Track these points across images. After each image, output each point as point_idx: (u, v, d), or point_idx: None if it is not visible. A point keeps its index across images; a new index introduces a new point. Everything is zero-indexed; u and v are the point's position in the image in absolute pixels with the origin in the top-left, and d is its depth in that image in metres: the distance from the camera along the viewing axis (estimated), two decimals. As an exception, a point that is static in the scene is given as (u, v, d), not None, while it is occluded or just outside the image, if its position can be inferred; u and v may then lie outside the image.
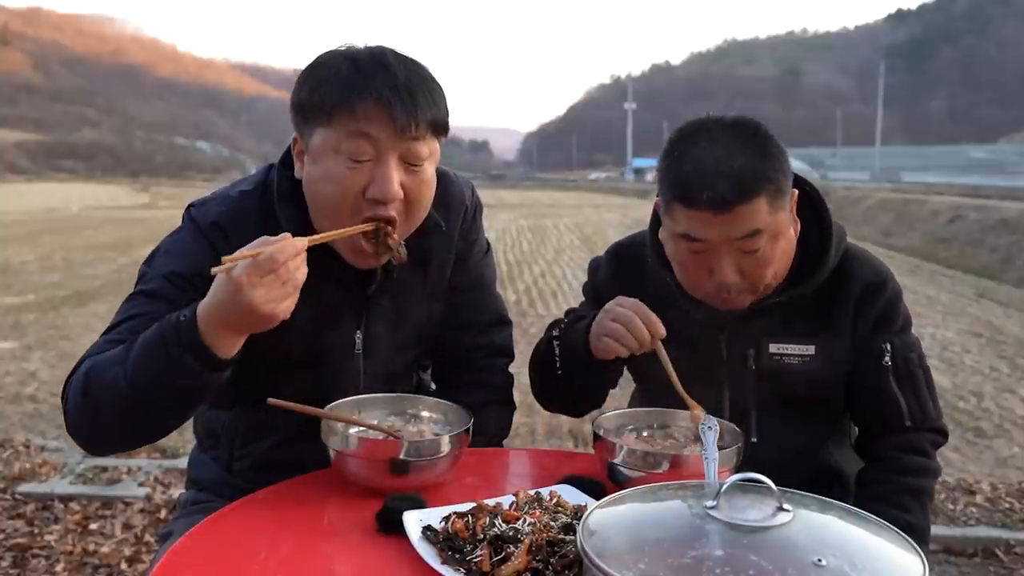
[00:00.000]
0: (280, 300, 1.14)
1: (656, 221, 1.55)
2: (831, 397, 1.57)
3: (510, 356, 1.74)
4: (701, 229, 1.37)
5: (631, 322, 1.40)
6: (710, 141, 1.38)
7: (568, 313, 1.71)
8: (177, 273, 1.36)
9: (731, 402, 1.57)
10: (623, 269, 1.67)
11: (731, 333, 1.55)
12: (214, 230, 1.40)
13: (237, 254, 1.14)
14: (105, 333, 1.33)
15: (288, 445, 1.50)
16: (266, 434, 1.53)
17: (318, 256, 1.34)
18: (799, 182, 1.50)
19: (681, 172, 1.38)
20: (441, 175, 1.49)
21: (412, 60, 1.36)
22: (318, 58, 1.37)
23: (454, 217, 1.56)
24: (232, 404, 1.53)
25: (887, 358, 1.51)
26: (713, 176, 1.33)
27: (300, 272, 1.16)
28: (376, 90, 1.29)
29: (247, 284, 1.11)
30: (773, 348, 1.53)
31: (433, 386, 1.75)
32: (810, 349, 1.52)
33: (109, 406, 1.22)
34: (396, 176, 1.32)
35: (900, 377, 1.52)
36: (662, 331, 1.40)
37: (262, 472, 1.46)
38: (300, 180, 1.40)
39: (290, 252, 1.14)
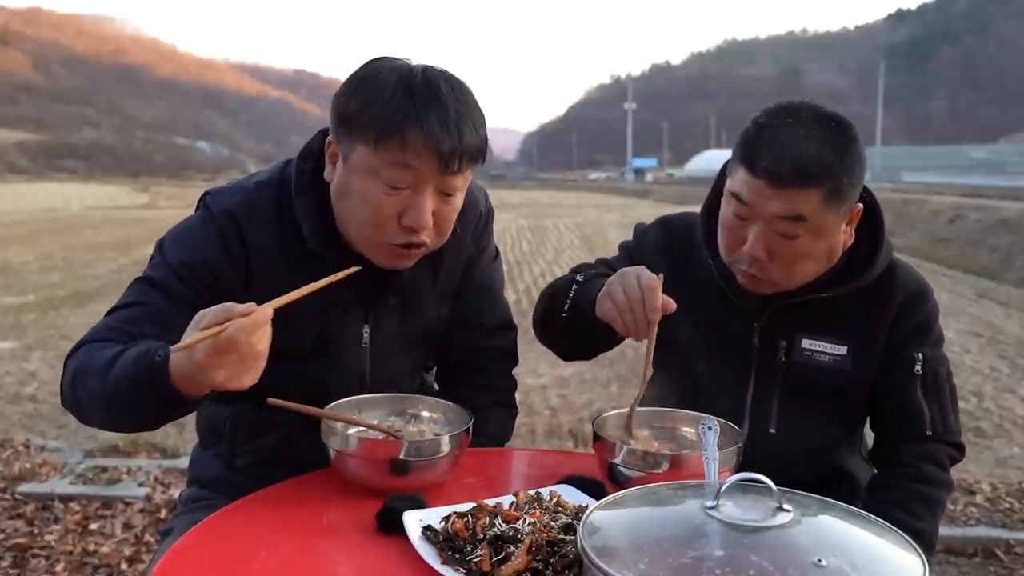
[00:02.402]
0: (243, 374, 1.12)
1: (710, 199, 1.56)
2: (855, 400, 1.57)
3: (514, 360, 1.75)
4: (750, 195, 1.39)
5: (631, 304, 1.36)
6: (796, 121, 1.39)
7: (598, 263, 1.71)
8: (184, 263, 1.37)
9: (755, 391, 1.57)
10: (672, 242, 1.66)
11: (767, 323, 1.55)
12: (227, 219, 1.40)
13: (194, 337, 1.08)
14: (109, 313, 1.39)
15: (291, 441, 1.50)
16: (269, 430, 1.53)
17: (333, 253, 1.39)
18: (863, 191, 1.48)
19: (756, 138, 1.40)
20: None
21: (460, 85, 1.35)
22: (370, 68, 1.35)
23: (468, 223, 1.57)
24: (234, 400, 1.53)
25: (918, 367, 1.52)
26: (781, 151, 1.36)
27: (262, 344, 1.12)
28: (427, 124, 1.28)
29: (210, 366, 1.09)
30: (806, 344, 1.53)
31: (436, 387, 1.76)
32: (842, 350, 1.53)
33: (92, 411, 1.30)
34: (430, 206, 1.34)
35: (927, 388, 1.52)
36: (655, 318, 1.36)
37: (264, 468, 1.47)
38: (319, 174, 1.42)
39: (250, 330, 1.09)
